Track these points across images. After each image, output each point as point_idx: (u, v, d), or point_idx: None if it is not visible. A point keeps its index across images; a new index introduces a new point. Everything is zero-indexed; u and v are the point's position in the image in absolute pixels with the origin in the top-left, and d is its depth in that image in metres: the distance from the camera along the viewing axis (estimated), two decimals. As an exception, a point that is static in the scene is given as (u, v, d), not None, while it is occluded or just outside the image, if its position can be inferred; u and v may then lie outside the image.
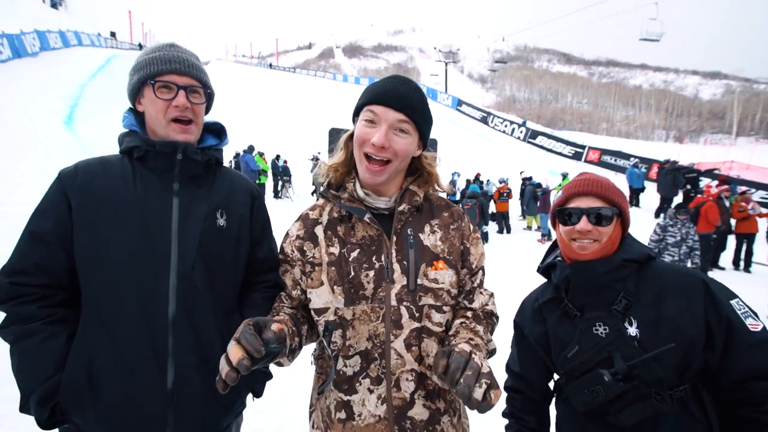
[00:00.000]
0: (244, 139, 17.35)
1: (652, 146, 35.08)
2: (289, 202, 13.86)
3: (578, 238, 1.06)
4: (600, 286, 1.04)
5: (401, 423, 0.99)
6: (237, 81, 37.78)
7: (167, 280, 1.05)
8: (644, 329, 1.00)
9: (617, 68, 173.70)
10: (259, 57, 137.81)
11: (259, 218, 1.26)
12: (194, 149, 1.13)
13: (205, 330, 1.08)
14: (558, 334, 1.11)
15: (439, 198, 1.17)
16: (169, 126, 1.10)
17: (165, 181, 1.11)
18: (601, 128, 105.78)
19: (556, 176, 15.55)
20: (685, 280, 1.02)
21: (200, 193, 1.15)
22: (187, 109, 1.11)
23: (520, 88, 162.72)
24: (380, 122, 0.98)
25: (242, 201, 1.22)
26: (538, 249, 10.22)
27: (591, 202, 1.07)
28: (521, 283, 6.53)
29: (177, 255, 1.06)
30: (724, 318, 0.96)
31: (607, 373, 0.97)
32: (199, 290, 1.08)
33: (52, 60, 19.91)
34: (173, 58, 1.11)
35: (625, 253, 1.06)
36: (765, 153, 28.55)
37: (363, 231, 1.04)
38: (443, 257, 1.04)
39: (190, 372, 1.05)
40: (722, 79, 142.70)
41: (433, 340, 1.02)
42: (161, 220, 1.07)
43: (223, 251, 1.14)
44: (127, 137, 1.14)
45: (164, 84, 1.09)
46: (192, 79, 1.13)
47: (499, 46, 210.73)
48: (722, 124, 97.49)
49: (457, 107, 33.51)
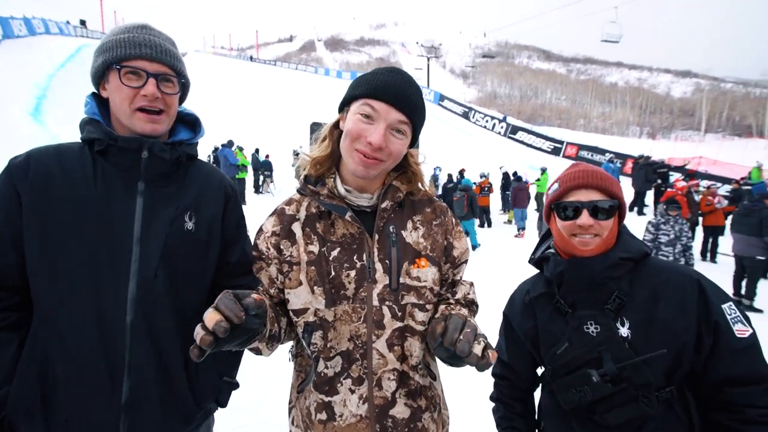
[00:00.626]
0: (223, 133, 16.94)
1: (627, 142, 36.18)
2: (270, 197, 13.68)
3: (579, 233, 1.01)
4: (595, 283, 1.01)
5: (383, 422, 0.98)
6: (216, 73, 36.80)
7: (126, 287, 0.97)
8: (636, 330, 0.97)
9: (594, 66, 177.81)
10: (239, 49, 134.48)
11: (233, 219, 1.18)
12: (162, 146, 1.03)
13: (166, 340, 1.01)
14: (548, 330, 1.08)
15: (423, 193, 1.13)
16: (134, 116, 1.00)
17: (129, 180, 1.01)
18: (578, 124, 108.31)
19: (536, 171, 15.87)
20: (680, 279, 0.99)
21: (167, 192, 1.05)
22: (157, 99, 1.01)
23: (501, 84, 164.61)
24: (379, 120, 0.92)
25: (214, 201, 1.13)
26: (516, 243, 10.46)
27: (591, 195, 1.02)
28: (501, 275, 6.66)
29: (138, 261, 0.98)
30: (713, 322, 0.94)
31: (596, 374, 0.96)
32: (161, 298, 1.00)
33: (17, 48, 18.89)
34: (144, 42, 1.00)
35: (623, 251, 1.01)
36: (731, 149, 29.94)
37: (343, 228, 1.00)
38: (425, 254, 1.02)
39: (147, 384, 0.99)
40: (692, 77, 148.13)
41: (416, 339, 1.01)
42: (123, 223, 0.99)
43: (190, 256, 1.06)
44: (88, 125, 1.02)
45: (132, 70, 0.98)
46: (164, 66, 1.02)
47: (480, 42, 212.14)
48: (692, 121, 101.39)
49: (439, 102, 33.67)
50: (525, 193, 11.14)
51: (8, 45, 18.97)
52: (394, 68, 0.99)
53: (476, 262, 8.01)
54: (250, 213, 1.40)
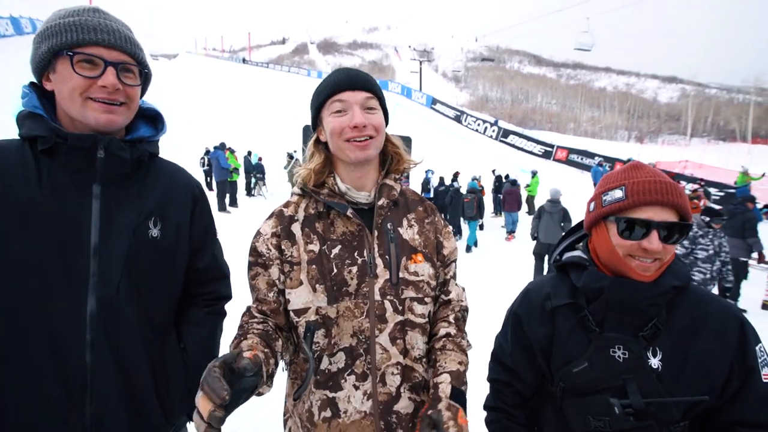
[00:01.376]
0: (216, 135, 16.81)
1: (616, 146, 36.80)
2: (262, 200, 13.60)
3: (640, 256, 0.88)
4: (638, 308, 0.90)
5: (387, 418, 0.99)
6: (208, 75, 36.55)
7: (84, 305, 0.86)
8: (668, 363, 0.89)
9: (584, 71, 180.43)
10: (231, 51, 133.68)
11: (201, 223, 1.09)
12: (120, 144, 0.91)
13: (131, 358, 0.93)
14: (567, 345, 0.98)
15: (413, 192, 1.19)
16: (87, 105, 0.87)
17: (82, 182, 0.89)
18: (568, 128, 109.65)
19: (527, 174, 16.02)
20: (723, 316, 0.90)
21: (128, 195, 0.94)
22: (118, 91, 0.89)
23: (493, 88, 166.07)
24: (350, 106, 0.99)
25: (181, 203, 1.04)
26: (507, 246, 10.55)
27: (665, 214, 0.87)
28: (494, 276, 6.68)
29: (98, 275, 0.88)
30: (748, 367, 0.87)
31: (618, 405, 0.87)
32: (126, 314, 0.91)
33: (4, 48, 18.55)
34: (100, 26, 0.88)
35: (674, 278, 0.91)
36: (716, 153, 30.60)
37: (343, 227, 1.02)
38: (421, 250, 1.06)
39: (113, 407, 0.91)
40: (678, 83, 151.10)
41: (417, 332, 1.03)
42: (76, 232, 0.87)
43: (155, 267, 0.97)
44: (27, 120, 0.89)
45: (87, 57, 0.86)
46: (124, 54, 0.90)
47: (472, 47, 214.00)
48: (678, 126, 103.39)
49: (432, 106, 33.86)
50: (515, 197, 11.21)
51: (-6, 45, 18.63)
52: (340, 68, 1.07)
53: (471, 263, 8.07)
54: (241, 215, 1.41)
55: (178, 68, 37.81)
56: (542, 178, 14.81)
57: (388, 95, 29.79)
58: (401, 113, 30.24)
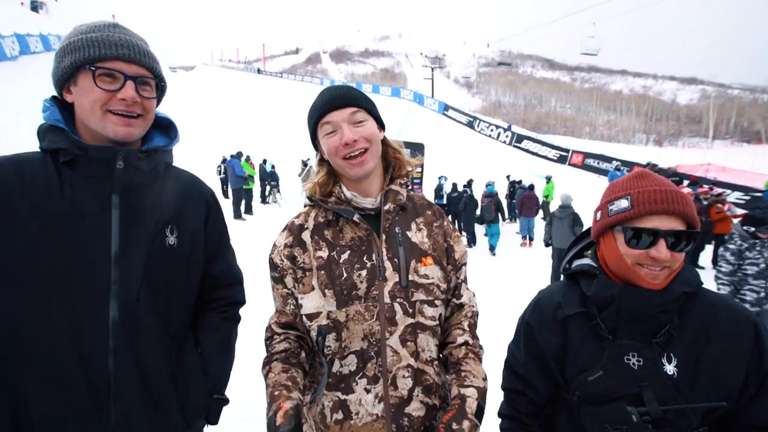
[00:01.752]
0: (232, 144, 17.16)
1: (633, 149, 36.03)
2: (276, 207, 13.77)
3: (648, 264, 0.89)
4: (649, 316, 0.90)
5: (399, 421, 0.99)
6: (224, 86, 37.48)
7: (106, 313, 0.89)
8: (683, 369, 0.89)
9: (598, 74, 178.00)
10: (246, 62, 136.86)
11: (215, 230, 1.12)
12: (137, 154, 0.95)
13: (152, 363, 0.96)
14: (580, 354, 0.98)
15: (421, 198, 1.21)
16: (106, 118, 0.90)
17: (101, 192, 0.92)
18: (584, 132, 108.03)
19: (541, 179, 15.81)
20: (735, 319, 0.90)
21: (146, 205, 0.97)
22: (136, 104, 0.93)
23: (506, 93, 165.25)
24: (338, 125, 1.02)
25: (196, 212, 1.07)
26: (523, 252, 10.39)
27: (672, 223, 0.87)
28: (509, 283, 6.57)
29: (119, 282, 0.90)
30: (764, 371, 0.87)
31: (636, 413, 0.87)
32: (145, 322, 0.94)
33: (33, 64, 19.45)
34: (120, 42, 0.91)
35: (684, 284, 0.91)
36: (740, 155, 29.61)
37: (351, 233, 1.06)
38: (430, 253, 1.08)
39: (136, 410, 0.93)
40: (698, 84, 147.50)
41: (427, 335, 1.04)
42: (97, 241, 0.90)
43: (173, 274, 1.00)
44: (50, 133, 0.92)
45: (108, 72, 0.90)
46: (143, 68, 0.94)
47: (484, 52, 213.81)
48: (699, 128, 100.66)
49: (444, 112, 33.86)
50: (534, 201, 11.05)
51: (25, 61, 19.56)
52: (325, 89, 1.09)
53: (487, 269, 7.97)
54: (256, 222, 1.43)
55: (196, 80, 38.91)
56: (558, 183, 14.59)
57: (400, 102, 29.97)
58: (413, 120, 30.36)
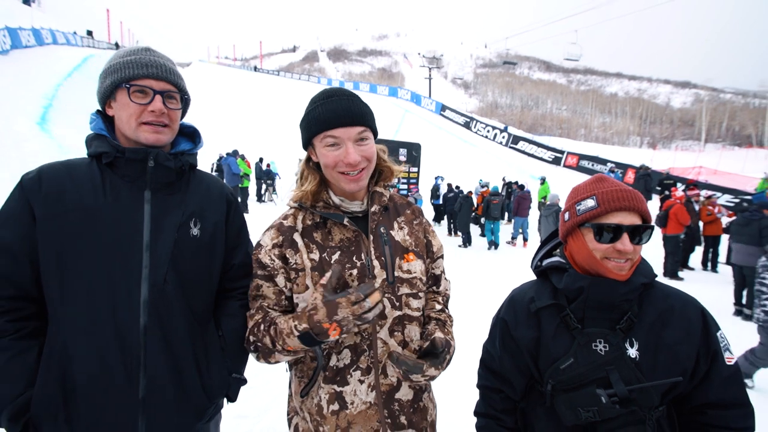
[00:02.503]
0: (228, 142, 17.08)
1: (628, 152, 36.36)
2: (272, 206, 13.74)
3: (614, 257, 0.99)
4: (614, 305, 1.01)
5: (390, 406, 1.08)
6: (221, 83, 37.24)
7: (139, 292, 1.03)
8: (644, 352, 0.98)
9: (594, 76, 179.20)
10: (243, 59, 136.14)
11: (235, 224, 1.24)
12: (166, 155, 1.10)
13: (177, 340, 1.07)
14: (552, 344, 1.05)
15: (401, 197, 1.29)
16: (139, 128, 1.07)
17: (136, 189, 1.08)
18: (579, 134, 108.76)
19: (536, 180, 15.92)
20: (687, 307, 1.02)
21: (173, 200, 1.12)
22: (163, 114, 1.09)
23: (502, 94, 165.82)
24: (343, 142, 1.03)
25: (217, 208, 1.20)
26: (512, 252, 10.46)
27: (633, 218, 0.99)
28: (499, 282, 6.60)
29: (149, 267, 1.04)
30: (712, 351, 0.98)
31: (605, 395, 0.95)
32: (172, 302, 1.07)
33: (25, 58, 19.19)
34: (150, 63, 1.09)
35: (642, 275, 1.02)
36: (731, 159, 29.98)
37: (340, 234, 1.10)
38: (412, 249, 1.16)
39: (162, 381, 1.05)
40: (692, 88, 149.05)
41: (414, 325, 1.13)
42: (132, 231, 1.05)
43: (196, 261, 1.12)
44: (95, 141, 1.09)
45: (140, 88, 1.07)
46: (169, 84, 1.11)
47: (481, 53, 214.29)
48: (692, 131, 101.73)
49: (441, 112, 33.93)
50: (528, 203, 11.15)
51: (17, 55, 19.31)
52: (330, 91, 1.07)
53: (488, 268, 8.03)
54: (252, 221, 1.46)
55: (192, 76, 38.59)
56: (552, 184, 14.70)
57: (397, 102, 29.84)
58: (410, 120, 30.38)
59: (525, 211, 11.07)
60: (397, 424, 1.08)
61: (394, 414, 1.08)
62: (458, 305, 2.48)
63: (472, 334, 2.84)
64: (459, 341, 1.28)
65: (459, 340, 1.29)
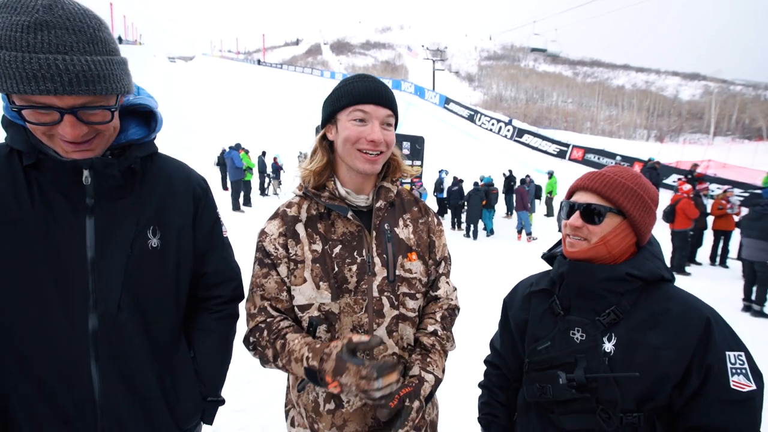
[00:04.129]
0: (231, 135, 17.06)
1: (635, 145, 35.92)
2: (275, 199, 13.75)
3: (571, 234, 1.02)
4: (593, 292, 0.98)
5: None
6: (224, 77, 37.18)
7: (85, 324, 0.84)
8: (620, 349, 0.95)
9: (601, 68, 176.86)
10: (246, 52, 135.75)
11: (206, 225, 1.04)
12: (105, 161, 0.84)
13: (138, 374, 0.91)
14: (536, 326, 1.09)
15: (409, 193, 1.25)
16: (58, 146, 0.80)
17: (73, 196, 0.84)
18: (585, 127, 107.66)
19: (542, 174, 15.77)
20: (686, 311, 0.93)
21: (123, 206, 0.89)
22: (85, 134, 0.79)
23: (507, 87, 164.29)
24: (371, 120, 1.02)
25: (182, 207, 0.98)
26: (518, 246, 10.38)
27: (587, 197, 1.00)
28: (502, 275, 6.56)
29: (97, 292, 0.85)
30: (707, 364, 0.88)
31: (564, 377, 0.97)
32: (129, 333, 0.88)
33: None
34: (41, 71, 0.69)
35: (632, 267, 0.96)
36: (740, 152, 29.55)
37: (343, 227, 1.08)
38: (415, 249, 1.13)
39: (123, 418, 0.89)
40: (701, 80, 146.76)
41: (407, 325, 1.11)
42: (71, 248, 0.83)
43: (158, 278, 0.93)
44: (10, 128, 0.82)
45: (40, 105, 0.73)
46: (84, 97, 0.75)
47: (485, 45, 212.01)
48: (701, 124, 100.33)
49: (445, 105, 33.66)
50: (525, 197, 11.01)
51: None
52: (364, 75, 1.08)
53: (480, 261, 7.98)
54: (255, 215, 1.41)
55: (195, 70, 38.54)
56: (558, 178, 14.55)
57: (401, 95, 29.73)
58: (414, 113, 30.17)
59: (522, 205, 10.96)
60: None
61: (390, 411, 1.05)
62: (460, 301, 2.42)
63: (471, 333, 2.79)
64: (458, 341, 1.26)
65: (458, 339, 1.27)
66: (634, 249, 1.02)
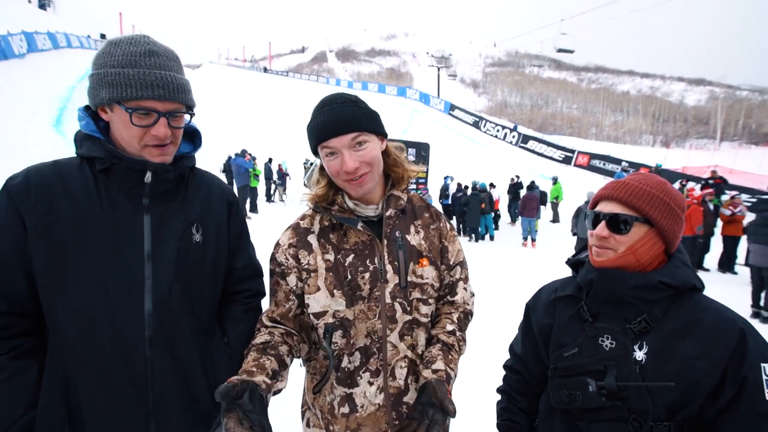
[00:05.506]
0: (238, 143, 17.22)
1: (640, 151, 35.76)
2: (281, 206, 13.82)
3: (596, 244, 1.01)
4: (623, 299, 0.96)
5: (398, 409, 1.08)
6: (230, 84, 37.63)
7: (142, 305, 0.97)
8: (652, 358, 0.92)
9: (606, 74, 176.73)
10: (252, 60, 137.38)
11: (236, 226, 1.20)
12: (165, 167, 1.03)
13: (184, 352, 1.04)
14: (562, 332, 1.06)
15: (420, 199, 1.27)
16: (144, 150, 0.99)
17: (134, 197, 1.00)
18: (590, 133, 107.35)
19: (547, 180, 15.73)
20: (719, 321, 0.91)
21: (173, 207, 1.05)
22: (168, 136, 0.99)
23: (512, 93, 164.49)
24: (338, 152, 1.02)
25: (219, 210, 1.15)
26: (523, 252, 10.33)
27: (612, 206, 0.99)
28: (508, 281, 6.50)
29: (152, 279, 0.99)
30: (742, 375, 0.86)
31: (594, 384, 0.95)
32: (177, 314, 1.02)
33: (40, 61, 19.65)
34: (156, 81, 0.94)
35: (664, 275, 0.94)
36: (747, 158, 29.27)
37: (355, 237, 1.11)
38: (426, 255, 1.14)
39: (171, 395, 1.01)
40: (706, 85, 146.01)
41: (421, 330, 1.12)
42: (132, 241, 0.98)
43: (201, 268, 1.08)
44: (86, 141, 0.99)
45: (143, 110, 0.94)
46: (176, 104, 0.99)
47: (490, 52, 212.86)
48: (707, 130, 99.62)
49: (450, 112, 33.78)
50: (535, 203, 11.00)
51: (33, 58, 19.75)
52: (325, 100, 1.05)
53: (487, 267, 7.95)
54: (261, 221, 1.45)
55: (202, 78, 39.01)
56: (563, 184, 14.51)
57: (405, 102, 29.78)
58: (419, 120, 30.30)
59: (531, 211, 10.91)
60: None
61: (402, 416, 1.07)
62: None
63: (475, 335, 2.80)
64: (468, 345, 1.26)
65: (468, 344, 1.26)
66: (663, 257, 1.00)
